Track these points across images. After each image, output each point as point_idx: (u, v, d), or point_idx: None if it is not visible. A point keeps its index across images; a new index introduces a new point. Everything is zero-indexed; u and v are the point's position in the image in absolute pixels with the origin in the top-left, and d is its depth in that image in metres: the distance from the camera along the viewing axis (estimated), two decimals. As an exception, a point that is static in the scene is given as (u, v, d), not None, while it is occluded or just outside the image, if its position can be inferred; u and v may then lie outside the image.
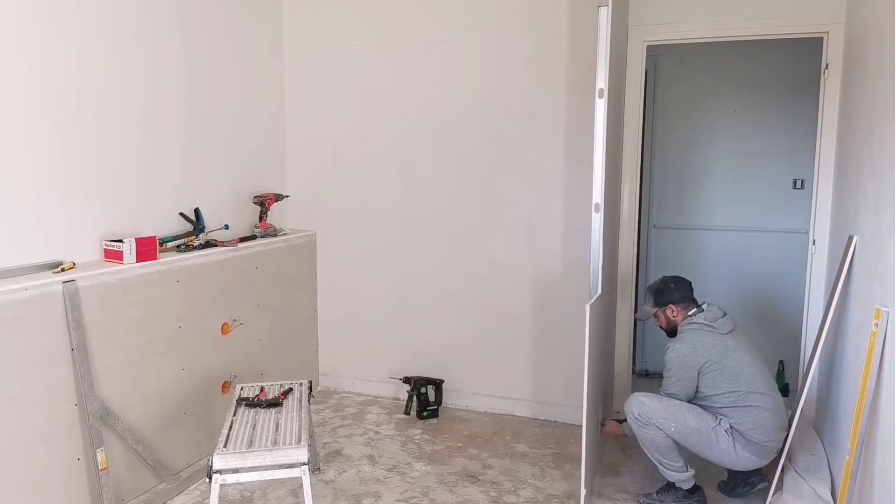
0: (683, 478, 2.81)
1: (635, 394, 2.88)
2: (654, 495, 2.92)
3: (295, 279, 4.08)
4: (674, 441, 2.76)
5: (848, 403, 2.57)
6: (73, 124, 2.76)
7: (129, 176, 3.05)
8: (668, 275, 3.06)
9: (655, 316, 3.04)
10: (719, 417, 2.74)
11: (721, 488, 3.00)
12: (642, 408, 2.78)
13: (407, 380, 3.96)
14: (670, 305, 2.96)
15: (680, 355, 2.81)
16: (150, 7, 3.12)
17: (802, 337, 3.50)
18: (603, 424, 3.17)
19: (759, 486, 2.89)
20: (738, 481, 2.93)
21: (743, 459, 2.74)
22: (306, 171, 4.23)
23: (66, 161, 2.74)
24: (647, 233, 4.66)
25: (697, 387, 2.80)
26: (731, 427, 2.72)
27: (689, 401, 2.83)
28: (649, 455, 2.84)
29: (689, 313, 2.92)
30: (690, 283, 3.01)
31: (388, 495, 3.00)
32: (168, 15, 3.23)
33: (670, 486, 2.88)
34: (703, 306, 2.93)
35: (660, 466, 2.83)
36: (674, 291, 2.96)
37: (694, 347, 2.80)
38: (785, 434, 2.78)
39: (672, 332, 3.00)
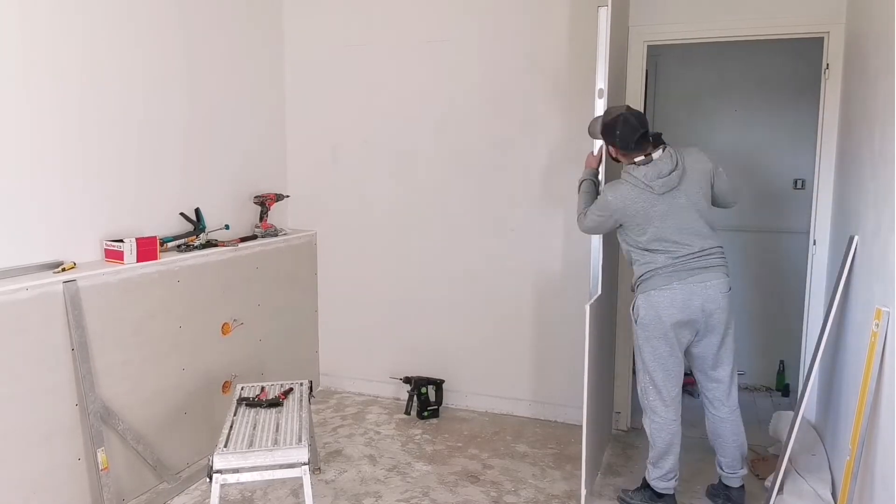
0: (661, 486, 2.82)
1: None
2: (630, 493, 2.93)
3: (295, 279, 4.08)
4: (671, 438, 2.79)
5: (849, 403, 2.57)
6: (73, 124, 2.76)
7: (130, 176, 3.05)
8: (627, 112, 2.67)
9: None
10: (635, 303, 2.79)
11: (709, 492, 2.99)
12: (642, 400, 2.85)
13: (407, 380, 3.96)
14: (610, 146, 2.78)
15: (606, 201, 2.72)
16: (152, 7, 3.12)
17: (803, 337, 3.50)
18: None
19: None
20: (721, 493, 2.92)
21: (654, 311, 2.70)
22: (306, 171, 4.23)
23: (67, 161, 2.74)
24: (647, 233, 4.66)
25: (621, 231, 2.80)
26: (634, 301, 2.79)
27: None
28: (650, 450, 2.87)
29: (635, 160, 2.68)
30: (645, 130, 2.65)
31: (389, 495, 3.00)
32: (168, 15, 3.23)
33: (645, 486, 2.89)
34: (654, 155, 2.65)
35: (650, 465, 2.85)
36: (616, 136, 2.66)
37: (623, 204, 2.68)
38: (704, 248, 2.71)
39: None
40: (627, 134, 2.64)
